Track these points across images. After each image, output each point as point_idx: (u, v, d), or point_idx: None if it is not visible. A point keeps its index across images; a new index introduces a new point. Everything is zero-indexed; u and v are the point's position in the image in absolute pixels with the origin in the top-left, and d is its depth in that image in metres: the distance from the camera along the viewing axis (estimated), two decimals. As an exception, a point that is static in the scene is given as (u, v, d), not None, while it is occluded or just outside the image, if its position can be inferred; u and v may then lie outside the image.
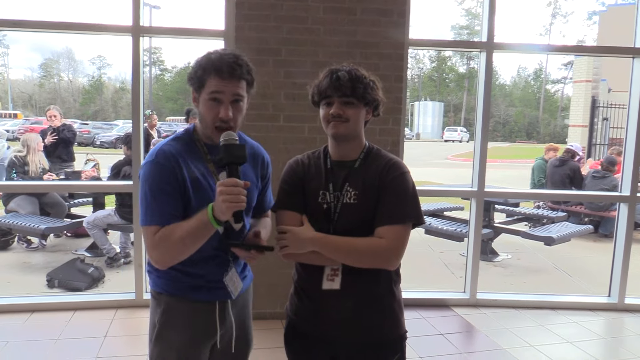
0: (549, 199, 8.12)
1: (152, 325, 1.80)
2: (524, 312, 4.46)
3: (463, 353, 3.75)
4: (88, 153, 7.82)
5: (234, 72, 1.63)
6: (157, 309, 1.78)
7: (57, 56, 54.36)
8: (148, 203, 1.63)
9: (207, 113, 1.66)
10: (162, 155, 1.66)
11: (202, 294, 1.75)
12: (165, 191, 1.62)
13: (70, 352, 3.50)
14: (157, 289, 1.79)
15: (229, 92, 1.64)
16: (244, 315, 1.90)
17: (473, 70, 53.20)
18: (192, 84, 1.70)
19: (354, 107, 1.71)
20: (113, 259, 5.66)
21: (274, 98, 3.95)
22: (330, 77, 1.71)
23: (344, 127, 1.71)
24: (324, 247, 1.68)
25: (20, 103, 48.32)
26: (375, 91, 1.75)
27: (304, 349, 1.84)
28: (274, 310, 3.92)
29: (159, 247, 1.61)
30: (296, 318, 1.84)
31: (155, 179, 1.63)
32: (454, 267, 6.11)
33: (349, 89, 1.69)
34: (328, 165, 1.79)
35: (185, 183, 1.64)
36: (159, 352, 1.76)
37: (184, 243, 1.60)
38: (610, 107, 13.72)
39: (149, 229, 1.62)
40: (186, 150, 1.70)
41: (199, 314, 1.76)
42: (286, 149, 3.92)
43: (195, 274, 1.73)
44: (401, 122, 4.13)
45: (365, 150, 1.79)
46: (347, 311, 1.74)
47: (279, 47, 3.95)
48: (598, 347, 3.91)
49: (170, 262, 1.65)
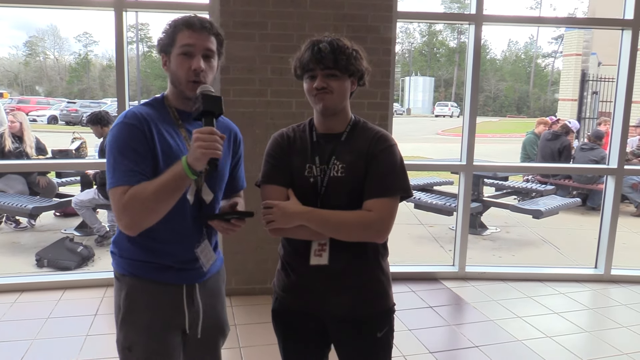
0: (537, 172, 8.16)
1: (116, 308, 1.72)
2: (512, 285, 4.51)
3: (452, 325, 3.80)
4: (74, 132, 7.71)
5: (204, 24, 1.63)
6: (121, 291, 1.70)
7: (41, 33, 53.21)
8: (116, 163, 1.54)
9: (179, 68, 1.62)
10: (132, 116, 1.59)
11: (168, 276, 1.68)
12: (134, 150, 1.55)
13: (61, 331, 3.50)
14: (120, 271, 1.70)
15: (200, 45, 1.62)
16: (215, 300, 1.84)
17: (464, 45, 52.86)
18: (162, 46, 1.66)
19: (338, 79, 1.67)
20: (104, 237, 5.65)
21: (261, 73, 3.90)
22: (312, 50, 1.66)
23: (329, 99, 1.67)
24: (312, 221, 1.65)
25: (6, 82, 47.52)
26: (359, 61, 1.71)
27: (292, 325, 1.84)
28: (264, 286, 3.93)
29: (128, 207, 1.50)
30: (284, 294, 1.82)
31: (124, 138, 1.56)
32: (443, 241, 6.16)
33: (331, 60, 1.65)
34: (314, 139, 1.76)
35: (155, 146, 1.58)
36: (125, 335, 1.69)
37: (157, 199, 1.50)
38: (600, 80, 13.71)
39: (117, 190, 1.52)
40: (157, 115, 1.64)
41: (164, 296, 1.69)
42: (274, 124, 3.89)
43: (164, 253, 1.66)
44: (390, 97, 4.10)
45: (352, 123, 1.76)
46: (335, 286, 1.73)
47: (264, 21, 3.88)
48: (584, 317, 3.97)
49: (141, 225, 1.54)
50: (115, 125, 1.60)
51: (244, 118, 3.92)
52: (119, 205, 1.52)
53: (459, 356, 3.36)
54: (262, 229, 1.70)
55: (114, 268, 1.74)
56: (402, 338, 3.45)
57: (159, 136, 1.60)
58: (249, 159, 3.86)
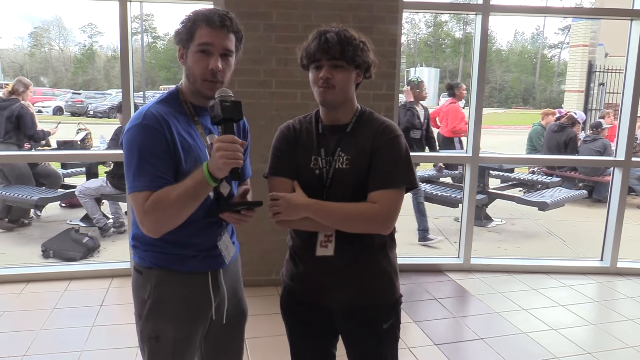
0: (543, 164, 8.12)
1: (139, 302, 1.72)
2: (517, 277, 4.50)
3: (457, 317, 3.80)
4: (79, 123, 7.69)
5: (224, 22, 1.59)
6: (146, 284, 1.69)
7: (47, 25, 53.26)
8: (137, 167, 1.53)
9: (196, 66, 1.60)
10: (150, 117, 1.56)
11: (193, 265, 1.69)
12: (155, 154, 1.53)
13: (67, 321, 3.51)
14: (145, 264, 1.70)
15: (219, 44, 1.59)
16: (236, 284, 1.87)
17: (469, 36, 52.44)
18: (180, 39, 1.63)
19: (344, 70, 1.66)
20: (102, 229, 5.64)
21: (266, 63, 3.88)
22: (319, 40, 1.65)
23: (330, 93, 1.66)
24: (317, 213, 1.65)
25: (12, 73, 47.57)
26: (366, 53, 1.69)
27: (300, 314, 1.85)
28: (269, 277, 3.94)
29: (152, 213, 1.51)
30: (292, 283, 1.84)
31: (144, 141, 1.53)
32: (448, 233, 6.14)
33: (338, 51, 1.63)
34: (319, 130, 1.76)
35: (176, 146, 1.56)
36: (152, 327, 1.69)
37: (181, 204, 1.52)
38: (606, 71, 13.62)
39: (139, 195, 1.52)
40: (173, 112, 1.62)
41: (192, 285, 1.71)
42: (278, 115, 3.87)
43: (187, 244, 1.67)
44: (395, 88, 4.07)
45: (358, 113, 1.75)
46: (341, 277, 1.74)
47: (269, 11, 3.85)
48: (590, 310, 3.96)
49: (164, 229, 1.56)
50: (133, 126, 1.56)
51: (249, 109, 3.85)
52: (141, 210, 1.53)
53: (463, 348, 3.35)
54: (267, 221, 1.70)
55: (136, 262, 1.72)
56: (407, 330, 3.45)
57: (178, 136, 1.58)
58: (255, 151, 3.86)
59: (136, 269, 1.73)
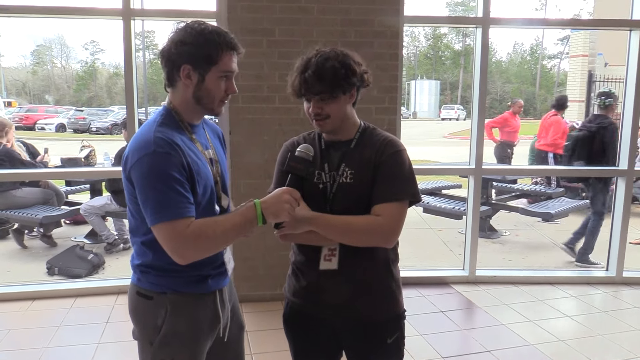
0: (547, 175, 8.11)
1: (150, 328, 1.66)
2: (523, 288, 4.49)
3: (463, 330, 3.78)
4: (83, 140, 7.76)
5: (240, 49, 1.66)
6: (159, 310, 1.65)
7: (49, 42, 53.62)
8: (163, 197, 1.49)
9: (217, 90, 1.63)
10: (161, 143, 1.51)
11: (205, 286, 1.69)
12: (178, 180, 1.50)
13: (73, 339, 3.51)
14: (158, 289, 1.65)
15: (236, 69, 1.67)
16: (234, 298, 1.89)
17: (469, 48, 52.75)
18: (194, 59, 1.57)
19: (332, 100, 1.67)
20: (112, 245, 5.66)
21: (269, 79, 3.91)
22: (299, 79, 1.67)
23: (327, 124, 1.70)
24: (321, 226, 1.67)
25: (14, 91, 47.87)
26: (349, 76, 1.67)
27: (302, 329, 1.85)
28: (274, 292, 3.92)
29: (195, 242, 1.51)
30: (294, 299, 1.84)
31: (163, 169, 1.49)
32: (453, 245, 6.13)
33: (318, 88, 1.65)
34: (322, 146, 1.79)
35: (191, 168, 1.56)
36: (167, 351, 1.66)
37: (226, 238, 1.57)
38: (607, 81, 13.64)
39: (175, 224, 1.48)
40: (176, 133, 1.60)
41: (204, 306, 1.71)
42: (282, 130, 3.89)
43: (202, 263, 1.63)
44: (397, 101, 4.09)
45: (361, 130, 1.78)
46: (345, 291, 1.74)
47: (272, 27, 3.89)
48: (596, 320, 3.94)
49: (201, 258, 1.58)
50: (145, 156, 1.50)
51: (253, 125, 3.93)
52: (180, 239, 1.50)
53: (471, 361, 3.34)
54: (272, 236, 1.72)
55: (145, 287, 1.66)
56: (414, 343, 3.44)
57: (190, 159, 1.57)
58: (259, 167, 3.88)
59: (143, 295, 1.67)
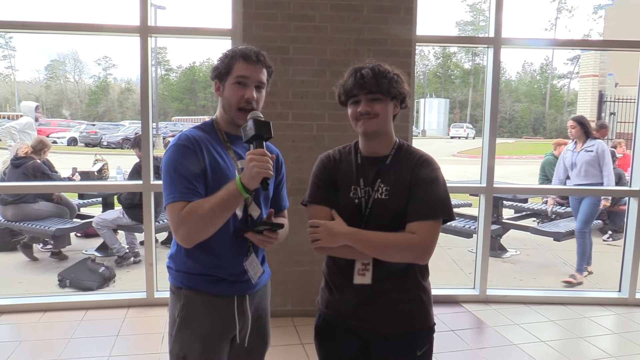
0: (558, 194, 8.07)
1: (172, 320, 1.83)
2: (534, 308, 4.45)
3: (474, 349, 3.76)
4: (97, 153, 7.84)
5: (259, 57, 1.79)
6: (177, 303, 1.81)
7: (62, 57, 54.45)
8: (172, 181, 1.69)
9: (233, 95, 1.77)
10: (185, 138, 1.74)
11: (221, 288, 1.79)
12: (189, 170, 1.69)
13: (83, 351, 3.53)
14: (177, 284, 1.82)
15: (254, 77, 1.78)
16: (262, 311, 1.94)
17: (478, 66, 52.91)
18: (217, 74, 1.81)
19: (381, 102, 1.74)
20: (123, 258, 5.70)
21: (282, 96, 3.96)
22: (355, 76, 1.75)
23: (373, 123, 1.75)
24: (357, 242, 1.71)
25: (28, 105, 48.44)
26: (400, 84, 1.78)
27: (334, 341, 1.87)
28: (284, 308, 3.92)
29: (186, 222, 1.64)
30: (327, 311, 1.87)
31: (178, 158, 1.71)
32: (463, 264, 6.10)
33: (374, 85, 1.73)
34: (359, 161, 1.82)
35: (205, 165, 1.71)
36: (181, 345, 1.79)
37: (213, 214, 1.64)
38: (617, 101, 13.65)
39: (175, 205, 1.66)
40: (208, 137, 1.78)
41: (218, 307, 1.80)
42: (295, 146, 3.93)
43: (217, 267, 1.77)
44: (409, 119, 4.13)
45: (396, 146, 1.82)
46: (378, 305, 1.77)
47: (286, 45, 3.95)
48: (609, 342, 3.90)
49: (197, 238, 1.68)
50: (170, 147, 1.75)
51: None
52: (177, 219, 1.66)
53: (482, 381, 3.31)
54: (282, 251, 1.76)
55: (171, 282, 1.85)
56: (424, 362, 3.41)
57: (209, 156, 1.74)
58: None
59: (170, 289, 1.86)
